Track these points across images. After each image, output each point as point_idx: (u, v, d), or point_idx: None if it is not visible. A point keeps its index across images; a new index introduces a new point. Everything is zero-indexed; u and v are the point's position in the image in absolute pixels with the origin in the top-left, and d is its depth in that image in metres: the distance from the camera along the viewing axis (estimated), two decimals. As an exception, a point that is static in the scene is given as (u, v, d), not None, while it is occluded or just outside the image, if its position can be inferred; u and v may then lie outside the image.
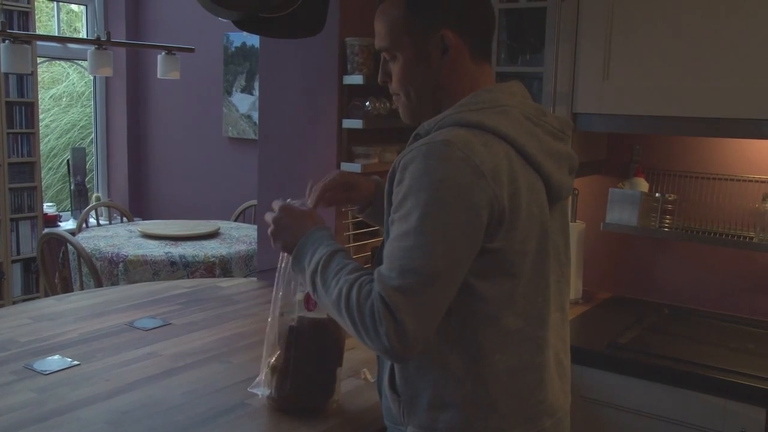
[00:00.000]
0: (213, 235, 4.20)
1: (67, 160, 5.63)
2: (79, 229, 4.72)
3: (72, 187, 5.56)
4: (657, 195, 2.35)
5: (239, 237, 4.17)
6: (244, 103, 5.21)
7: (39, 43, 4.97)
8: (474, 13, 1.36)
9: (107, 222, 5.34)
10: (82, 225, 4.83)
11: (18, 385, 1.71)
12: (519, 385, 1.30)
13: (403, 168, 1.23)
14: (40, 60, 5.25)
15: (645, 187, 2.39)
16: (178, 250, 3.79)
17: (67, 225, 5.38)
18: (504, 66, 2.38)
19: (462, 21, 1.35)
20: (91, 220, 5.05)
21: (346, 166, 2.50)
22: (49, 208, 5.44)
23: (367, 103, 2.45)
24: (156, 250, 3.76)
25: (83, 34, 5.84)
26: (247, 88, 5.18)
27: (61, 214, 5.59)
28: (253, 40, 4.98)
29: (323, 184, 1.53)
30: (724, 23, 1.98)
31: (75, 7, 5.88)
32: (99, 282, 3.61)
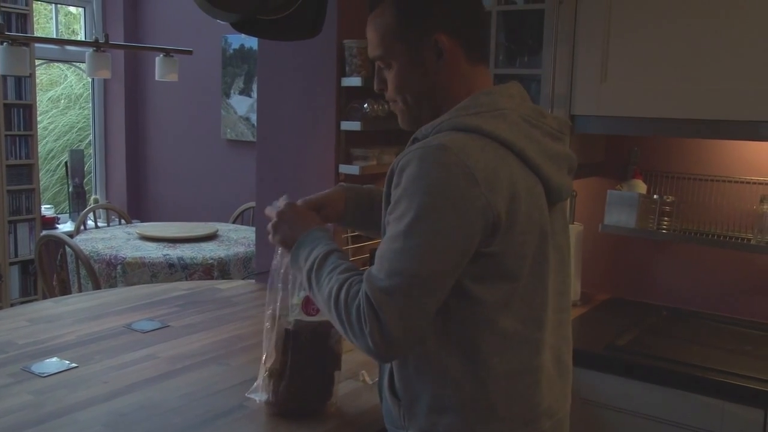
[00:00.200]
0: (211, 237, 4.20)
1: (65, 162, 5.62)
2: (77, 231, 4.72)
3: (70, 189, 5.56)
4: (655, 197, 2.35)
5: (237, 239, 4.17)
6: (243, 105, 5.21)
7: (37, 45, 4.97)
8: (467, 15, 1.35)
9: (105, 224, 5.34)
10: (80, 227, 4.83)
11: (16, 387, 1.70)
12: (518, 387, 1.30)
13: (400, 171, 1.24)
14: (38, 62, 5.25)
15: (643, 188, 2.39)
16: (177, 252, 3.79)
17: (65, 227, 5.38)
18: (502, 68, 2.38)
19: (455, 23, 1.33)
20: (89, 222, 5.05)
21: (345, 168, 2.50)
22: (47, 210, 5.43)
23: (366, 105, 2.45)
24: (154, 252, 3.76)
25: (81, 36, 5.84)
26: (246, 90, 5.18)
27: (59, 216, 5.58)
28: (251, 42, 4.99)
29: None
30: (721, 25, 1.98)
31: (73, 9, 5.88)
32: (97, 284, 3.61)
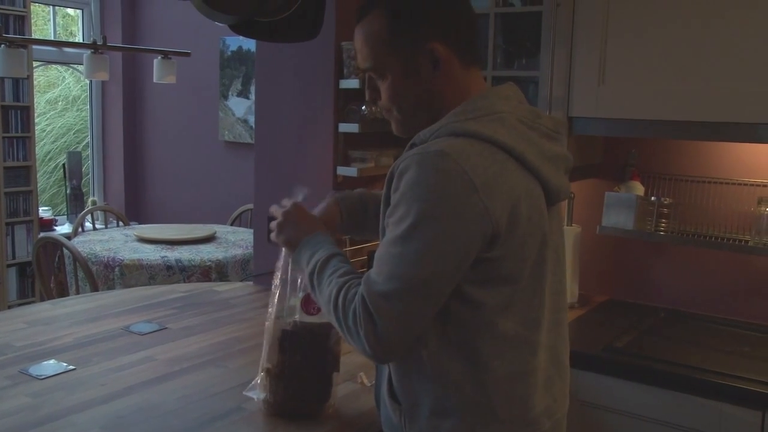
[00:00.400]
0: (209, 239, 4.19)
1: (63, 164, 5.62)
2: (74, 233, 4.71)
3: (68, 191, 5.55)
4: (653, 198, 2.35)
5: (235, 241, 4.17)
6: (241, 107, 5.21)
7: (35, 47, 4.97)
8: (459, 20, 1.34)
9: (103, 226, 5.33)
10: (78, 229, 4.82)
11: (13, 390, 1.70)
12: (518, 389, 1.30)
13: (399, 175, 1.24)
14: (36, 64, 5.25)
15: (641, 190, 2.39)
16: (174, 254, 3.79)
17: (63, 229, 5.37)
18: (500, 70, 2.39)
19: (448, 30, 1.32)
20: (87, 224, 5.04)
21: (343, 170, 2.50)
22: (44, 212, 5.43)
23: (363, 107, 2.45)
24: (152, 255, 3.76)
25: (79, 38, 5.84)
26: (244, 92, 5.18)
27: (56, 218, 5.58)
28: (249, 44, 4.99)
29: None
30: (719, 27, 1.98)
31: (71, 11, 5.88)
32: (95, 286, 3.60)
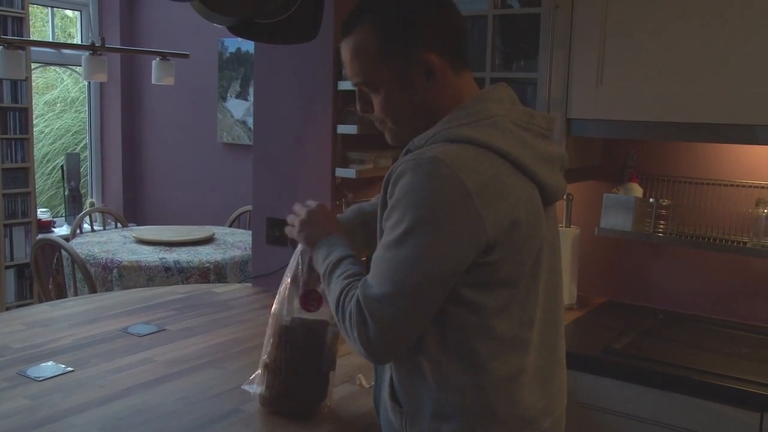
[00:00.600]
0: (208, 240, 4.19)
1: (61, 166, 5.62)
2: (73, 234, 4.71)
3: (66, 193, 5.55)
4: (651, 200, 2.36)
5: (234, 242, 4.17)
6: (239, 108, 5.21)
7: (33, 48, 4.96)
8: (449, 28, 1.33)
9: (101, 228, 5.33)
10: (76, 231, 4.82)
11: (11, 391, 1.70)
12: (517, 389, 1.30)
13: (395, 181, 1.24)
14: (34, 65, 5.25)
15: (639, 192, 2.40)
16: (173, 255, 3.78)
17: (61, 231, 5.37)
18: (498, 72, 2.39)
19: (440, 38, 1.31)
20: (85, 225, 5.04)
21: (341, 172, 2.50)
22: (42, 213, 5.42)
23: (362, 109, 2.45)
24: (150, 256, 3.75)
25: (78, 39, 5.83)
26: (242, 94, 5.18)
27: (55, 219, 5.57)
28: (247, 45, 4.99)
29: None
30: (717, 29, 1.98)
31: (69, 12, 5.88)
32: (93, 288, 3.60)
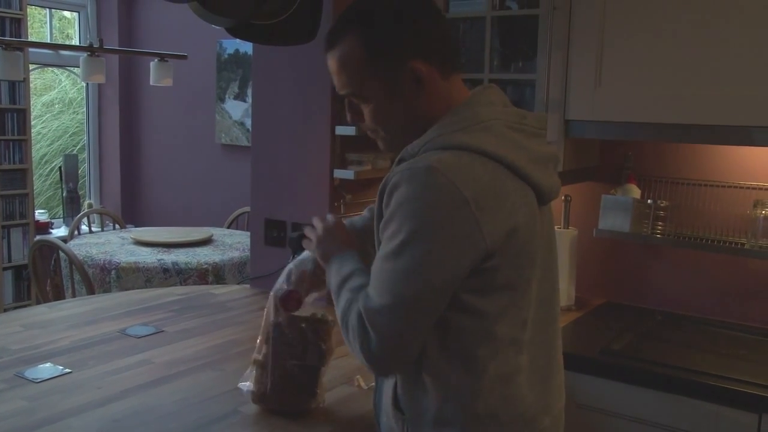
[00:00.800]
0: (206, 241, 4.19)
1: (59, 167, 5.61)
2: (71, 236, 4.70)
3: (64, 194, 5.55)
4: (649, 201, 2.36)
5: (232, 244, 4.17)
6: (237, 109, 5.21)
7: (31, 49, 4.96)
8: (435, 33, 1.32)
9: (99, 229, 5.33)
10: (74, 232, 4.81)
11: (9, 393, 1.70)
12: (514, 389, 1.30)
13: (390, 192, 1.23)
14: (32, 67, 5.24)
15: (637, 193, 2.40)
16: (171, 257, 3.78)
17: (59, 232, 5.37)
18: (497, 73, 2.39)
19: (427, 45, 1.30)
20: (83, 227, 5.04)
21: (339, 173, 2.50)
22: (40, 215, 5.42)
23: (360, 110, 2.45)
24: (148, 257, 3.75)
25: (76, 40, 5.83)
26: (240, 95, 5.18)
27: (53, 221, 5.57)
28: (246, 47, 4.99)
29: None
30: (715, 31, 1.99)
31: (67, 13, 5.88)
32: (91, 289, 3.60)
